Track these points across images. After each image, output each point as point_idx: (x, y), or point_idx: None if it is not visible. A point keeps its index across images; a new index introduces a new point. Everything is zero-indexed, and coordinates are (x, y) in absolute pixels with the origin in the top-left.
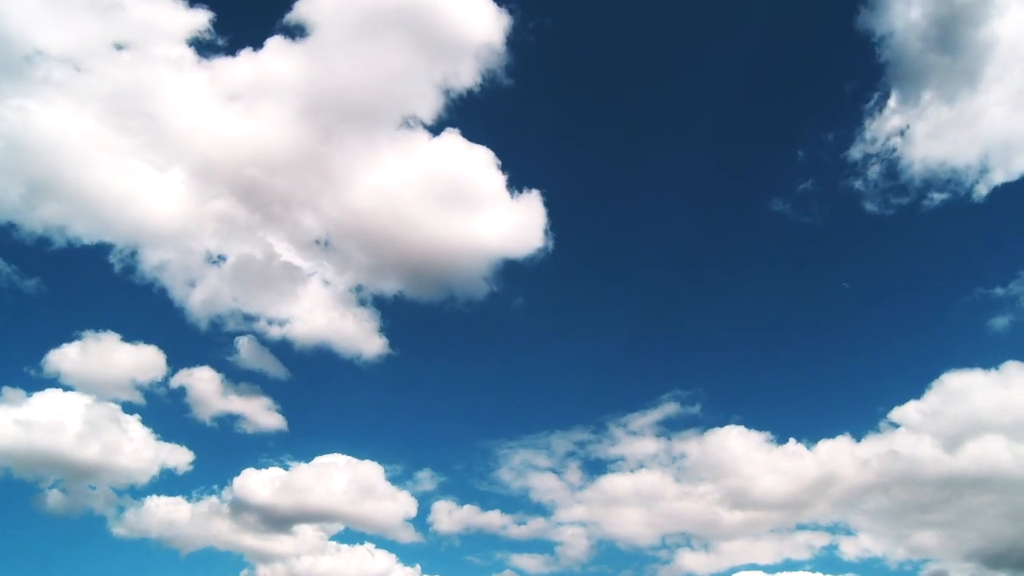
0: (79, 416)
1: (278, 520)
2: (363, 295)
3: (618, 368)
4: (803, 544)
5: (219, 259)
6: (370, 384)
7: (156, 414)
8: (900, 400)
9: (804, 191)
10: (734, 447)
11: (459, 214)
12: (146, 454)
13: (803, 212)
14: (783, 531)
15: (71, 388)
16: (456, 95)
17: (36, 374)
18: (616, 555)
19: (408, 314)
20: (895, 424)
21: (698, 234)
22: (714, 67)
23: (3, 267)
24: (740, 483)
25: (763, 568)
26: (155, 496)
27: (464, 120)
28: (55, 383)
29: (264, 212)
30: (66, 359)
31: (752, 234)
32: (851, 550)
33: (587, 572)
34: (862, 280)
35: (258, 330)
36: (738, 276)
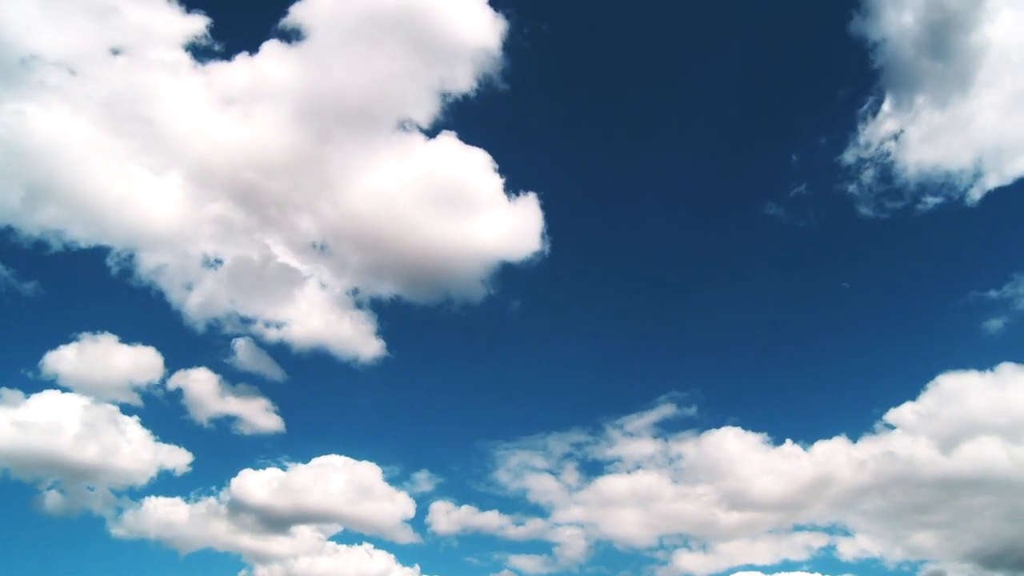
0: (77, 417)
1: (276, 521)
2: (360, 298)
3: (615, 370)
4: (801, 545)
5: (216, 262)
6: (367, 386)
7: (154, 415)
8: (896, 401)
9: (798, 195)
10: (731, 448)
11: (456, 217)
12: (144, 455)
13: (798, 216)
14: (780, 532)
15: (69, 389)
16: (452, 99)
17: (34, 376)
18: (614, 556)
19: (405, 317)
20: (891, 425)
21: (693, 237)
22: (709, 71)
23: (1, 270)
24: (737, 484)
25: (761, 569)
26: (153, 497)
27: (460, 123)
28: (53, 384)
29: (261, 215)
30: (64, 361)
31: (748, 237)
32: (849, 551)
33: (585, 573)
34: (858, 283)
35: (255, 333)
36: (734, 278)
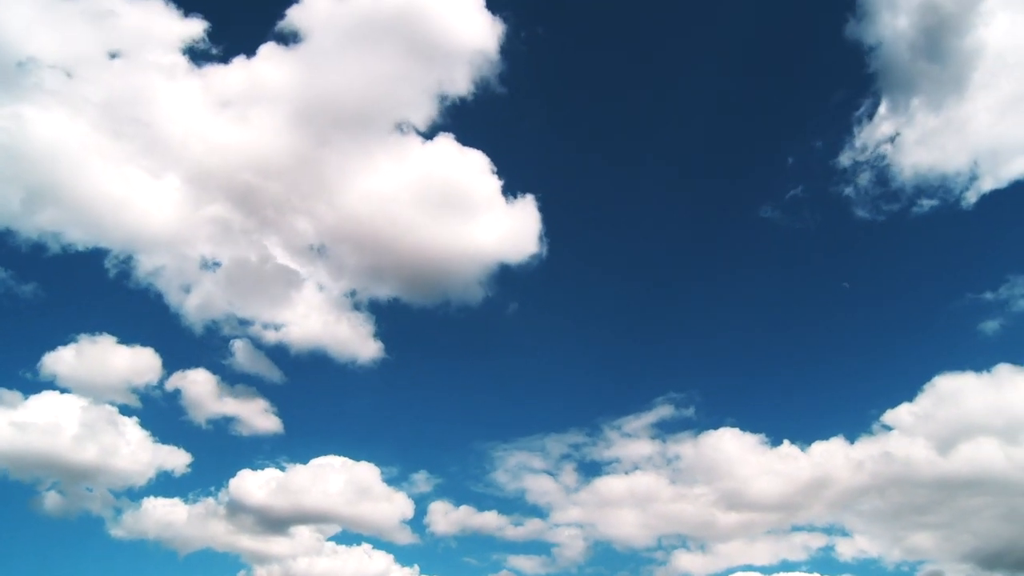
0: (76, 418)
1: (275, 521)
2: (358, 299)
3: (612, 371)
4: (799, 545)
5: (214, 264)
6: (366, 387)
7: (152, 416)
8: (893, 403)
9: (794, 197)
10: (728, 449)
11: (454, 219)
12: (143, 456)
13: (794, 218)
14: (779, 532)
15: (68, 390)
16: (450, 102)
17: (33, 377)
18: (612, 556)
19: (403, 319)
20: (888, 426)
21: (690, 238)
22: (706, 75)
23: (0, 272)
24: (735, 485)
25: (759, 569)
26: (152, 498)
27: (458, 126)
28: (52, 385)
29: (259, 217)
30: (62, 362)
31: (744, 238)
32: (847, 551)
33: (584, 573)
34: (855, 285)
35: (253, 335)
36: (731, 280)
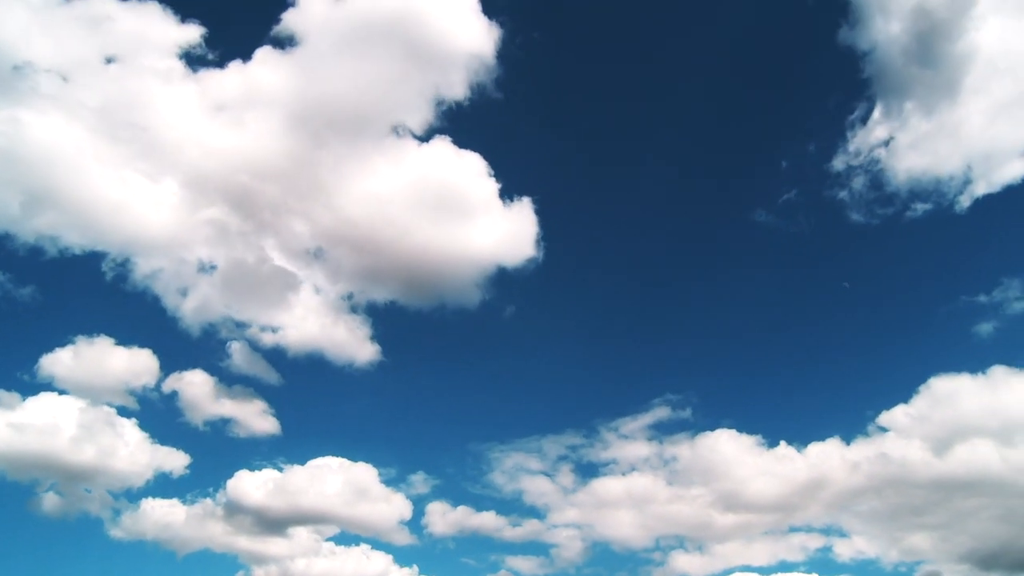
0: (74, 419)
1: (273, 522)
2: (355, 302)
3: (609, 373)
4: (797, 546)
5: (211, 267)
6: (363, 390)
7: (150, 418)
8: (889, 404)
9: (788, 201)
10: (725, 450)
11: (451, 222)
12: (141, 457)
13: (789, 221)
14: (776, 533)
15: (65, 392)
16: (446, 106)
17: (31, 378)
18: (610, 557)
19: (400, 321)
20: (884, 428)
21: (686, 241)
22: (701, 79)
23: None
24: (732, 486)
25: (757, 570)
26: (151, 498)
27: (455, 129)
28: (50, 387)
29: (256, 220)
30: (60, 363)
31: (739, 242)
32: (845, 552)
33: (581, 574)
34: (850, 287)
35: (250, 337)
36: (727, 282)
